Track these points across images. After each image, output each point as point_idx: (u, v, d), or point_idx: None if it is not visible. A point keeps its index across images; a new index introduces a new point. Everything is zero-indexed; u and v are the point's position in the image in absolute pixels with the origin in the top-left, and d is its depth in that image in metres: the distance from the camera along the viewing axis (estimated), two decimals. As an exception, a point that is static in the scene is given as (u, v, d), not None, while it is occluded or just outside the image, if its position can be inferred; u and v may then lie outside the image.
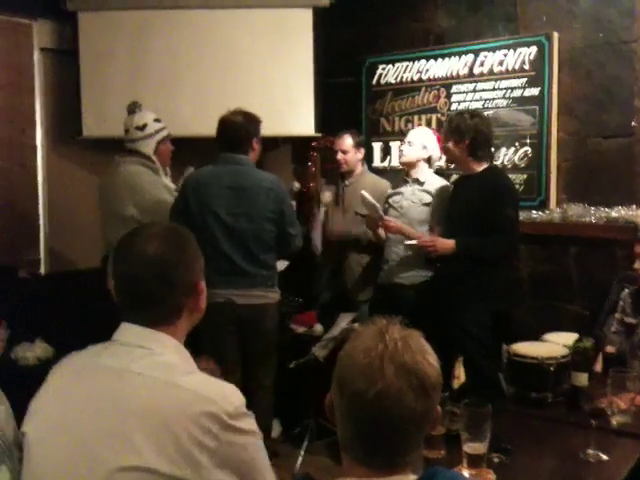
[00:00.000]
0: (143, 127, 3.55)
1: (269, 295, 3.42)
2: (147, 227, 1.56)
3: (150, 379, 1.34)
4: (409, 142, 3.89)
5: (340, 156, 4.16)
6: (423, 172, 3.87)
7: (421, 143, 3.86)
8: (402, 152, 3.99)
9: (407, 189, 3.89)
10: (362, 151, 4.21)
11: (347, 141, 4.15)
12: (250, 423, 1.37)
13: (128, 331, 1.45)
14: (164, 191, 3.54)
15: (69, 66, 4.44)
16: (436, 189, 3.81)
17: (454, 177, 4.00)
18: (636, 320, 2.88)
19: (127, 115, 3.61)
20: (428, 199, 3.81)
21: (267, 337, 3.42)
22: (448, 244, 3.33)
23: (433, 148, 3.89)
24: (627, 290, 3.08)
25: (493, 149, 3.78)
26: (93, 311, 3.35)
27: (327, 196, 4.34)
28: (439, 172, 4.04)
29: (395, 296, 3.74)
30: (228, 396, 1.36)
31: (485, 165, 3.44)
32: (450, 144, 3.45)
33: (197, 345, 1.60)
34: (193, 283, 1.51)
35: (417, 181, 3.87)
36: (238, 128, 3.41)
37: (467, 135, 3.38)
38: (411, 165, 3.89)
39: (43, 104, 4.41)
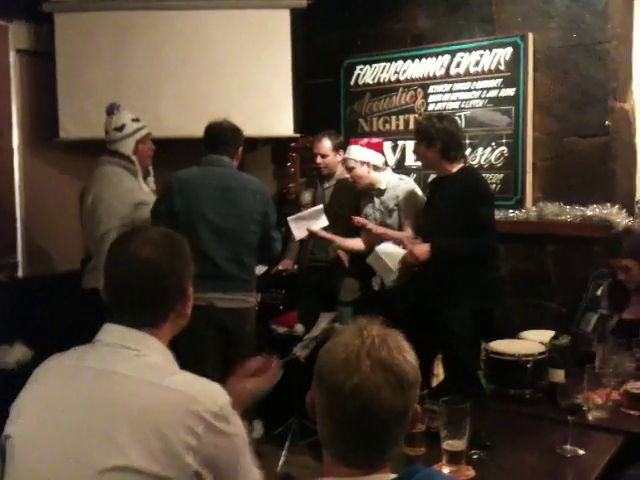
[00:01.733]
0: (121, 128, 3.56)
1: (249, 299, 3.43)
2: (142, 230, 1.59)
3: (136, 380, 1.34)
4: (349, 168, 3.89)
5: (319, 160, 4.16)
6: (380, 180, 3.88)
7: (359, 161, 3.84)
8: (353, 179, 3.94)
9: (375, 200, 3.91)
10: (342, 153, 4.17)
11: (325, 144, 4.15)
12: (235, 423, 1.38)
13: (112, 332, 1.45)
14: (138, 193, 3.53)
15: (46, 68, 4.41)
16: (402, 190, 3.83)
17: (431, 177, 4.03)
18: (609, 312, 2.93)
19: (106, 117, 3.60)
20: (393, 203, 3.84)
21: (246, 341, 3.42)
22: (424, 250, 3.33)
23: (370, 156, 3.85)
24: (606, 283, 3.13)
25: (466, 149, 3.86)
26: (72, 313, 3.35)
27: (306, 197, 4.35)
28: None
29: (384, 296, 3.76)
30: (214, 396, 1.37)
31: (459, 165, 3.47)
32: (422, 149, 3.47)
33: (175, 348, 1.60)
34: (184, 289, 1.53)
35: (380, 191, 3.89)
36: (224, 130, 3.43)
37: (437, 139, 3.39)
38: (368, 184, 3.88)
39: (20, 106, 4.38)
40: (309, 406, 1.24)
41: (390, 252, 3.48)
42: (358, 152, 3.87)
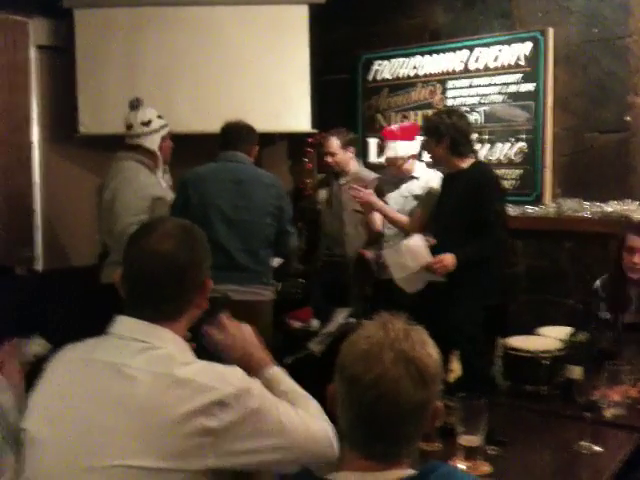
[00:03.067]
0: (148, 123, 3.57)
1: (264, 293, 3.43)
2: (161, 223, 1.56)
3: (148, 374, 1.33)
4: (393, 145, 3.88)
5: (329, 159, 4.17)
6: (417, 168, 3.89)
7: (406, 157, 3.85)
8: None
9: (402, 186, 3.91)
10: (352, 149, 4.18)
11: (334, 143, 4.14)
12: (253, 394, 1.38)
13: (124, 324, 1.45)
14: (156, 188, 3.55)
15: (65, 63, 4.44)
16: (433, 180, 3.79)
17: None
18: (610, 315, 2.91)
19: (129, 111, 3.61)
20: (421, 191, 3.83)
21: (261, 334, 3.42)
22: (452, 260, 3.24)
23: (411, 148, 3.86)
24: (598, 281, 3.10)
25: (476, 144, 3.86)
26: (90, 307, 3.37)
27: (322, 194, 4.35)
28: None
29: (394, 292, 3.75)
30: (227, 378, 1.37)
31: (470, 161, 3.45)
32: (431, 145, 3.45)
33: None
34: (202, 281, 1.52)
35: (412, 178, 3.88)
36: (240, 128, 3.51)
37: (446, 134, 3.38)
38: (405, 170, 3.89)
39: (39, 102, 4.41)
40: (330, 397, 1.23)
41: (415, 250, 3.34)
42: (401, 148, 3.84)
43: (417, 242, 3.32)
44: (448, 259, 3.24)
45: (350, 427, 1.18)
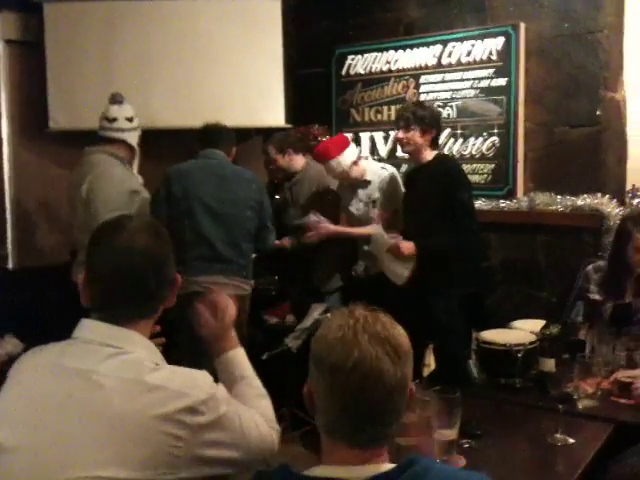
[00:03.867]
0: (131, 119, 3.58)
1: (244, 287, 3.47)
2: (127, 220, 1.50)
3: (118, 380, 1.31)
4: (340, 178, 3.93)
5: (272, 167, 4.22)
6: (365, 171, 3.90)
7: (338, 172, 3.87)
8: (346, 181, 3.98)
9: (359, 192, 3.93)
10: (290, 150, 4.16)
11: (271, 152, 4.17)
12: (221, 400, 1.39)
13: (92, 329, 1.41)
14: (132, 182, 3.53)
15: (35, 58, 4.38)
16: (385, 180, 3.85)
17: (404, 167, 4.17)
18: (601, 297, 2.92)
19: (111, 104, 3.57)
20: (377, 194, 3.87)
21: (238, 329, 3.42)
22: (410, 246, 3.36)
23: (343, 157, 3.84)
24: (591, 266, 3.10)
25: (450, 138, 4.09)
26: (62, 306, 3.33)
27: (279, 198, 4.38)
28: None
29: (369, 287, 3.77)
30: (197, 383, 1.37)
31: (434, 153, 3.53)
32: (414, 134, 3.45)
33: (170, 337, 1.60)
34: (174, 276, 1.51)
35: (365, 182, 3.90)
36: (220, 128, 3.63)
37: (433, 127, 3.46)
38: (357, 178, 3.90)
39: (9, 97, 4.35)
40: (307, 397, 1.23)
41: (376, 240, 3.53)
42: (335, 165, 3.84)
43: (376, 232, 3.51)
44: (404, 244, 3.35)
45: (336, 418, 1.19)
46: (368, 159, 4.03)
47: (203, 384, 1.38)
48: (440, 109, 4.03)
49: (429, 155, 3.51)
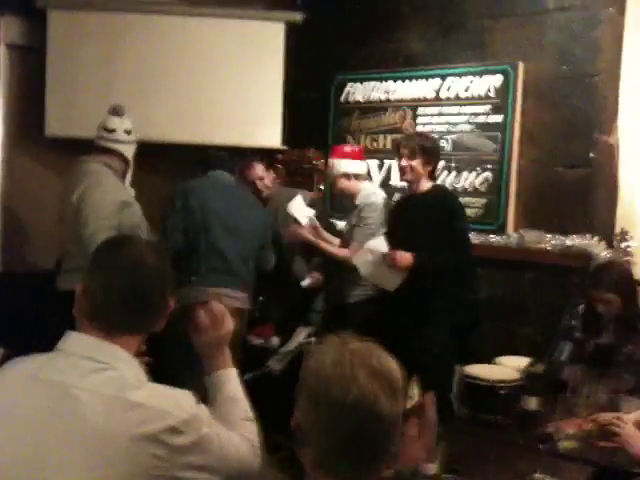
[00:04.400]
0: (130, 132, 3.60)
1: (246, 302, 3.56)
2: (137, 238, 1.63)
3: (99, 397, 1.30)
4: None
5: (259, 184, 4.24)
6: (359, 191, 3.91)
7: (338, 174, 3.90)
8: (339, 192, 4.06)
9: (352, 212, 3.95)
10: (271, 171, 4.34)
11: (260, 167, 4.25)
12: (203, 421, 1.38)
13: (77, 342, 1.40)
14: (123, 192, 3.53)
15: (35, 64, 4.37)
16: (367, 207, 3.84)
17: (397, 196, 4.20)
18: (584, 336, 2.93)
19: (112, 115, 3.58)
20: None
21: (235, 347, 3.45)
22: (407, 257, 3.38)
23: (347, 166, 3.89)
24: (580, 307, 3.12)
25: (443, 171, 4.18)
26: (46, 313, 3.30)
27: None
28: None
29: (346, 313, 3.78)
30: (179, 403, 1.36)
31: (430, 183, 3.59)
32: (417, 163, 3.51)
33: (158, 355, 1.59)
34: (169, 301, 1.52)
35: (351, 202, 3.93)
36: (223, 155, 3.78)
37: (435, 158, 3.56)
38: (352, 194, 3.92)
39: (6, 100, 4.33)
40: (295, 429, 1.20)
41: (375, 246, 3.54)
42: (336, 166, 3.92)
43: (378, 242, 3.55)
44: (404, 254, 3.38)
45: (330, 456, 1.16)
46: (371, 186, 4.04)
47: (185, 404, 1.37)
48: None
49: (426, 185, 3.56)
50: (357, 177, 3.90)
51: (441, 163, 4.18)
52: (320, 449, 1.17)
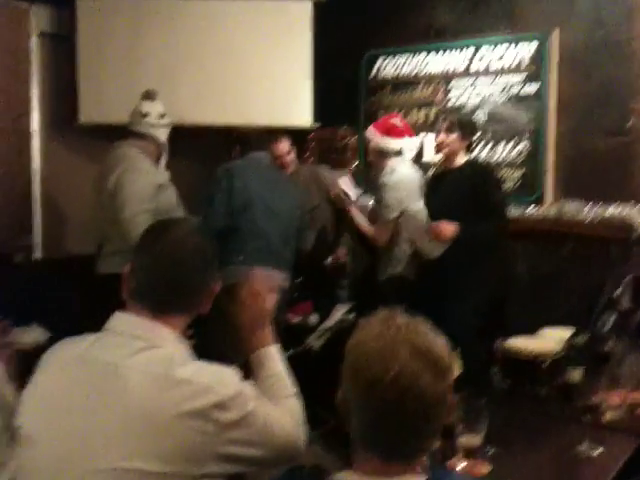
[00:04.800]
0: (163, 116, 3.64)
1: (285, 280, 3.58)
2: (184, 221, 1.67)
3: (146, 375, 1.32)
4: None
5: (284, 159, 4.17)
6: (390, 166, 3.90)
7: (375, 148, 3.92)
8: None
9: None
10: (294, 150, 4.25)
11: (286, 143, 4.16)
12: (248, 397, 1.39)
13: (124, 321, 1.43)
14: (158, 176, 3.56)
15: (67, 51, 4.40)
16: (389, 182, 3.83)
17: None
18: (631, 307, 2.88)
19: (144, 99, 3.64)
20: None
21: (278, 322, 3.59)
22: (451, 228, 3.39)
23: (383, 142, 3.88)
24: (630, 278, 3.08)
25: (479, 144, 4.14)
26: (87, 297, 3.36)
27: None
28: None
29: (394, 289, 3.78)
30: (225, 379, 1.37)
31: (466, 158, 3.62)
32: (455, 137, 3.56)
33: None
34: (214, 282, 1.53)
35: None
36: (260, 132, 3.85)
37: (472, 134, 3.61)
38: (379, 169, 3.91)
39: (40, 89, 4.38)
40: (340, 404, 1.20)
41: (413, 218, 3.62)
42: (374, 136, 3.92)
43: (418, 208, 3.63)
44: (448, 226, 3.38)
45: (371, 431, 1.15)
46: (397, 162, 3.98)
47: (231, 381, 1.38)
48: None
49: (461, 160, 3.59)
50: (391, 154, 3.86)
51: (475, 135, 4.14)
52: (360, 423, 1.16)
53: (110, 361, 1.34)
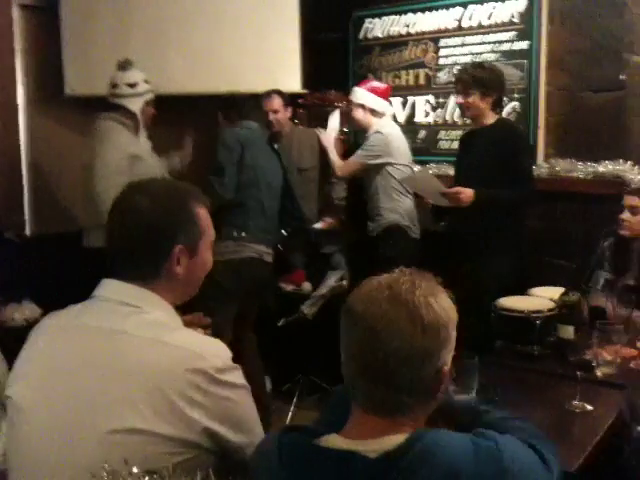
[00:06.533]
0: (134, 85, 3.60)
1: (271, 255, 3.58)
2: (150, 182, 1.57)
3: (138, 338, 1.32)
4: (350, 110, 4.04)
5: (272, 116, 4.16)
6: (373, 126, 3.95)
7: (355, 102, 3.99)
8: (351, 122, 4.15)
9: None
10: (289, 110, 4.25)
11: (276, 100, 4.16)
12: (238, 377, 1.38)
13: (111, 287, 1.42)
14: (134, 147, 3.53)
15: (50, 23, 4.33)
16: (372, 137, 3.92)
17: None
18: (613, 276, 2.89)
19: (117, 70, 3.59)
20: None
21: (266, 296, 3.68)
22: (469, 193, 3.27)
23: (368, 99, 3.97)
24: (606, 243, 3.07)
25: None
26: (78, 272, 3.34)
27: None
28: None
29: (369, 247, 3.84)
30: (216, 351, 1.36)
31: (496, 117, 3.48)
32: (474, 98, 3.40)
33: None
34: (171, 249, 1.42)
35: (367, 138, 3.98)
36: (249, 98, 3.85)
37: (494, 89, 3.40)
38: (365, 128, 3.99)
39: (23, 62, 4.31)
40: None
41: (428, 179, 3.63)
42: (356, 94, 4.00)
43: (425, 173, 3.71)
44: (466, 191, 3.26)
45: (352, 375, 1.17)
46: (385, 118, 4.01)
47: (223, 354, 1.37)
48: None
49: (491, 119, 3.45)
50: (373, 112, 3.94)
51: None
52: (345, 368, 1.19)
53: (102, 326, 1.34)
